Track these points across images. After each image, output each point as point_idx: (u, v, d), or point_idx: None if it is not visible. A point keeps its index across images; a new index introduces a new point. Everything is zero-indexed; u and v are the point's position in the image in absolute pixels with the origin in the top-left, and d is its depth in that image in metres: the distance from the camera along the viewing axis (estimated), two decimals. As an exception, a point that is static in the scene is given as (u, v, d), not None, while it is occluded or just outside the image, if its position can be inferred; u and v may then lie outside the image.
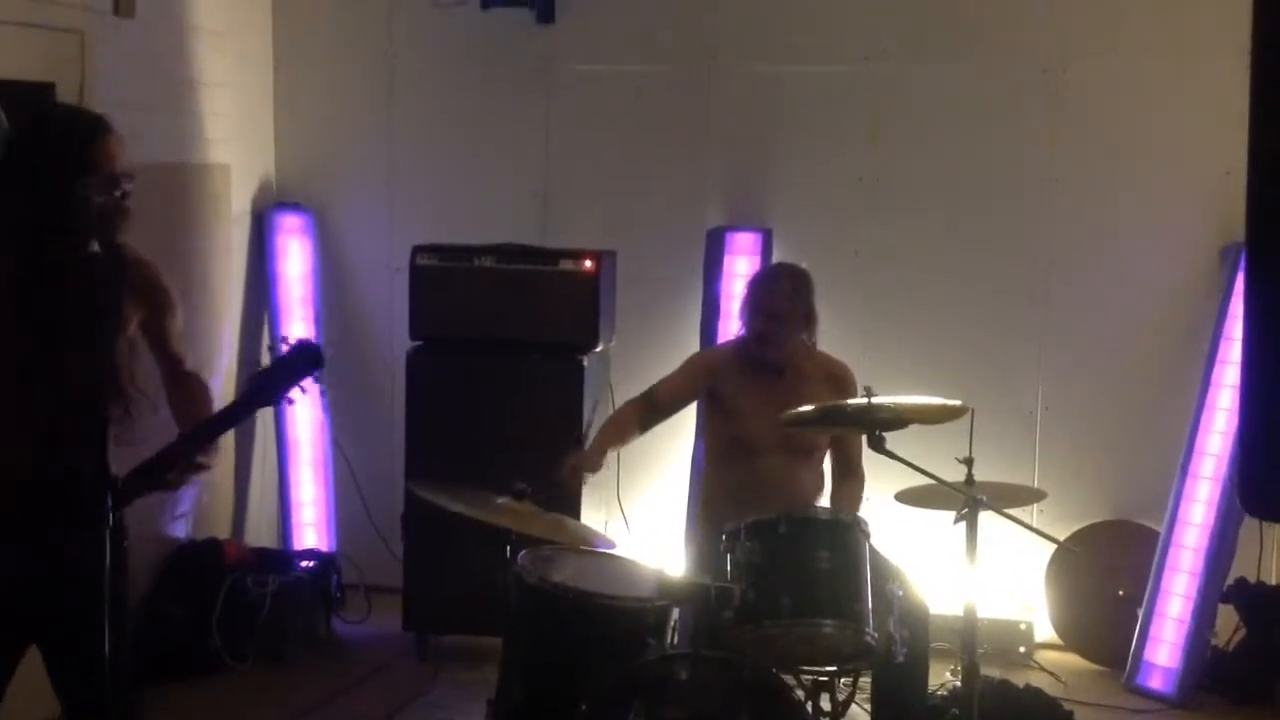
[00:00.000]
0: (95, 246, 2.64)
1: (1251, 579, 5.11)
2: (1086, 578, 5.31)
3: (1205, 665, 4.99)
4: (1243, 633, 5.06)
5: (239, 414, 2.98)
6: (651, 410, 4.22)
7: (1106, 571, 5.27)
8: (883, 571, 3.48)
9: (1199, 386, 5.13)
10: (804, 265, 4.24)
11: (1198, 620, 4.99)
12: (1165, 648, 5.05)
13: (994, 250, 5.48)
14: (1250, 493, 1.77)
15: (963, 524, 3.54)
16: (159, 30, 5.14)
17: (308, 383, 2.84)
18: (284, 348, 2.85)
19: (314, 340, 2.92)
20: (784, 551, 3.31)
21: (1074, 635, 5.41)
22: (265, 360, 2.88)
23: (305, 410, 5.85)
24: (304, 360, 2.84)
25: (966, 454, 3.65)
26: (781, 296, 4.09)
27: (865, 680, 3.89)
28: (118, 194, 2.89)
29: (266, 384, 2.84)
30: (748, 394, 4.11)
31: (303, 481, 5.89)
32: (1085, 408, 5.45)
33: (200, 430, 2.92)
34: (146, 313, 3.05)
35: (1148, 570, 5.15)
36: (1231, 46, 5.16)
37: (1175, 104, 5.30)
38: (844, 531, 3.37)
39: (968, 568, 3.47)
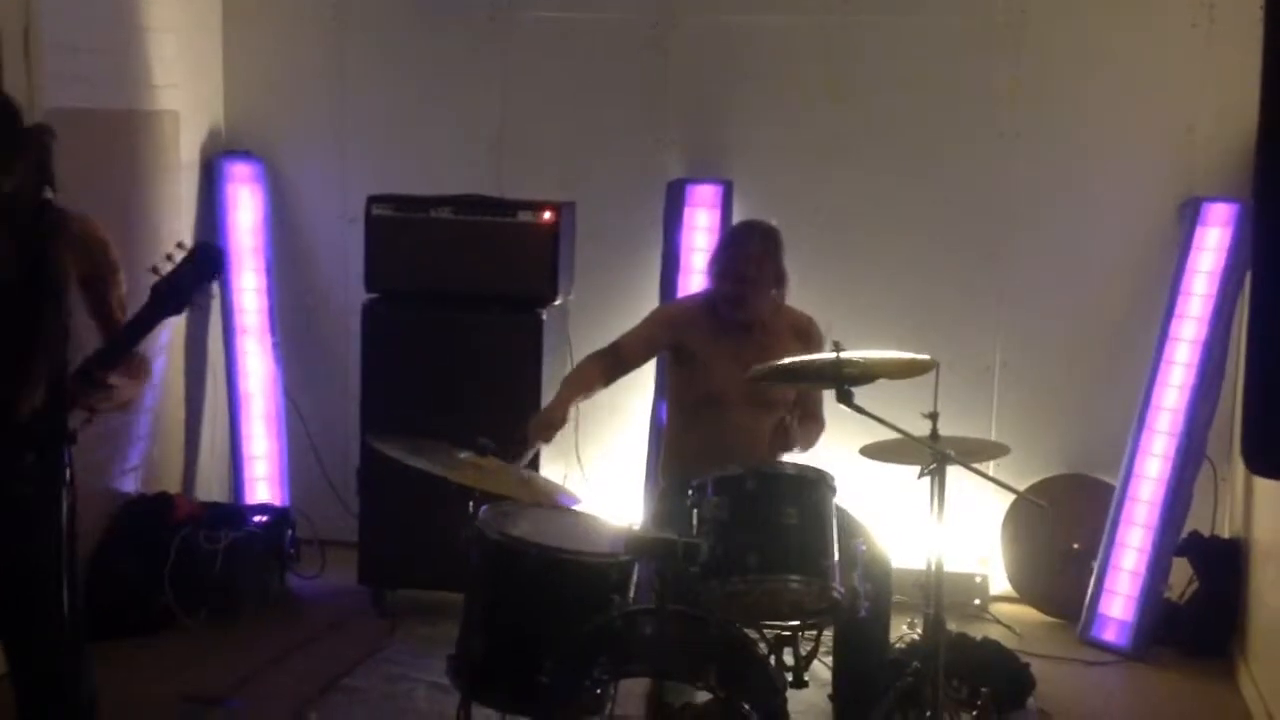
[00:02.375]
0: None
1: (1206, 532, 5.17)
2: (1041, 531, 5.34)
3: (1159, 618, 5.04)
4: (1196, 585, 5.11)
5: (146, 325, 2.88)
6: (615, 364, 4.18)
7: (1061, 525, 5.30)
8: (848, 527, 3.47)
9: (1155, 341, 5.15)
10: (773, 222, 4.19)
11: (1152, 573, 5.04)
12: (1119, 600, 5.10)
13: (954, 205, 5.47)
14: (1255, 449, 1.75)
15: (926, 479, 3.54)
16: (105, -27, 5.01)
17: (213, 288, 2.83)
18: (180, 254, 2.82)
19: (212, 243, 2.88)
20: (751, 507, 3.28)
21: (1029, 588, 5.45)
22: (164, 268, 2.84)
23: (257, 363, 5.78)
24: (205, 263, 2.83)
25: (929, 409, 3.64)
26: (752, 260, 4.04)
27: (826, 634, 3.91)
28: None
29: (170, 291, 2.81)
30: (715, 349, 4.07)
31: (255, 435, 5.81)
32: (1043, 362, 5.46)
33: (111, 344, 2.87)
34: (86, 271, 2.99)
35: (1102, 524, 5.18)
36: (1193, 2, 5.18)
37: (1136, 59, 5.28)
38: (811, 488, 3.35)
39: (934, 522, 3.47)
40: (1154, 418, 5.13)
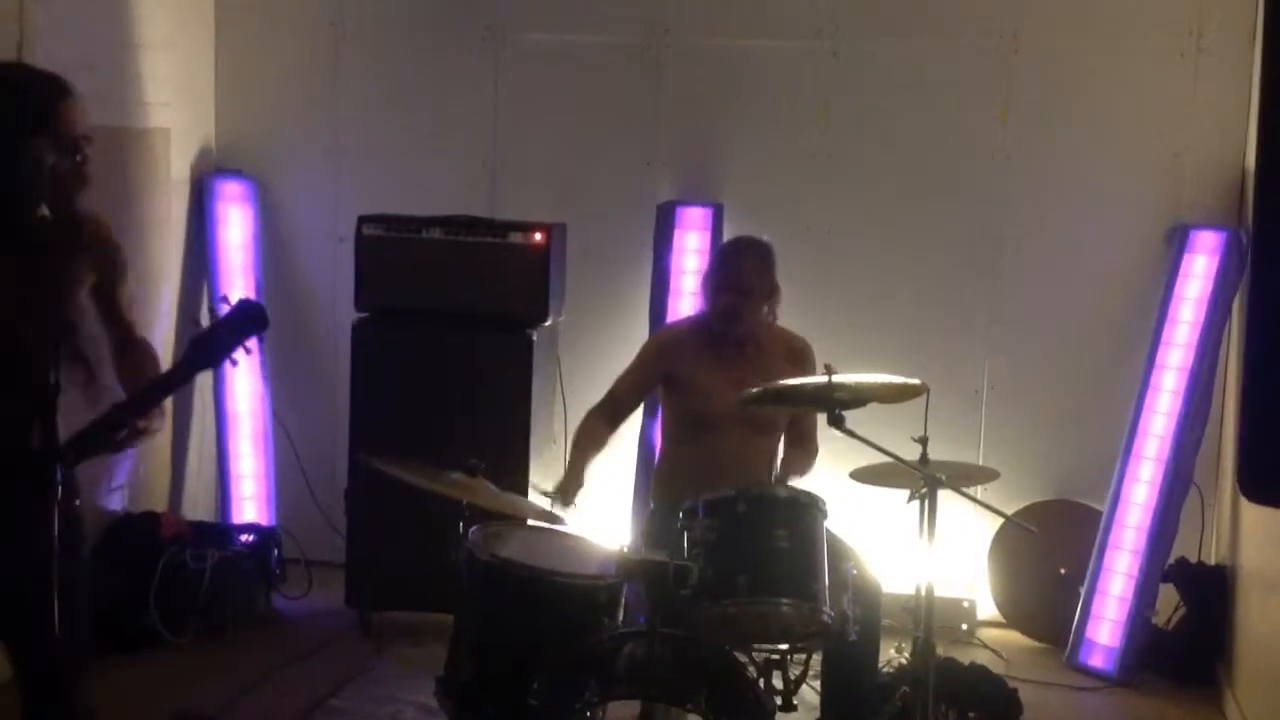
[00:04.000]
0: (46, 211, 2.55)
1: (1192, 558, 5.17)
2: (1029, 556, 5.35)
3: (1146, 644, 5.04)
4: (1183, 612, 5.12)
5: (181, 377, 2.89)
6: (614, 410, 4.22)
7: (1049, 550, 5.30)
8: (838, 551, 3.47)
9: (1143, 367, 5.17)
10: (765, 238, 4.22)
11: (1139, 599, 5.04)
12: (1106, 626, 5.10)
13: (943, 227, 5.49)
14: (1251, 477, 1.75)
15: (915, 502, 3.54)
16: (99, -11, 5.02)
17: (251, 343, 2.80)
18: (224, 308, 2.80)
19: (256, 300, 2.86)
20: (742, 530, 3.28)
21: (1016, 613, 5.45)
22: (206, 321, 2.83)
23: (245, 382, 5.76)
24: (246, 321, 2.79)
25: (918, 433, 3.65)
26: (750, 272, 4.08)
27: (815, 658, 3.90)
28: (77, 159, 2.82)
29: (208, 345, 2.79)
30: (707, 369, 4.09)
31: (242, 454, 5.80)
32: (1030, 387, 5.48)
33: (143, 394, 2.86)
34: (99, 275, 2.97)
35: (1089, 549, 5.19)
36: (1183, 29, 5.22)
37: (1126, 86, 5.32)
38: (802, 511, 3.35)
39: (925, 547, 3.48)
40: (1141, 444, 5.14)
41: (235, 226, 5.75)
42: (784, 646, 3.40)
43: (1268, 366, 1.68)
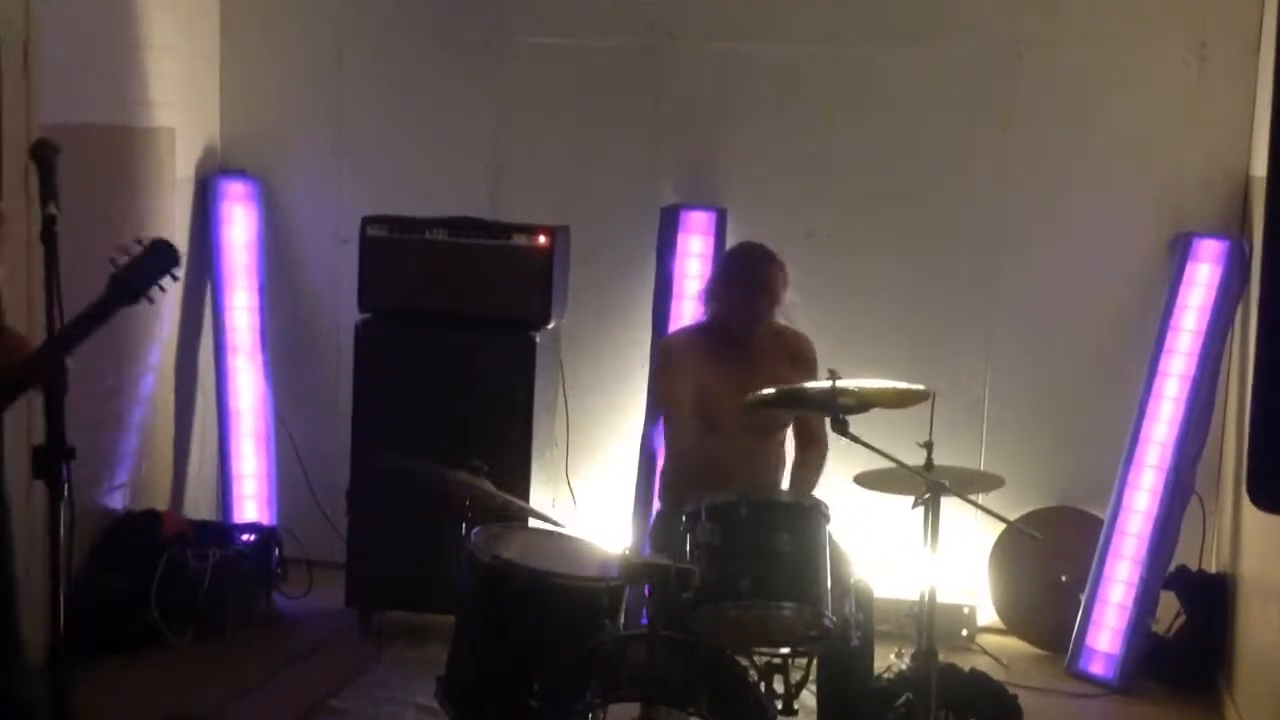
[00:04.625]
0: None
1: (1193, 567, 5.17)
2: (1029, 563, 5.35)
3: (1146, 651, 5.04)
4: (1183, 620, 5.12)
5: (103, 313, 2.96)
6: (686, 412, 4.14)
7: (1049, 557, 5.30)
8: (839, 556, 3.48)
9: (1145, 375, 5.17)
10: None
11: (1139, 607, 5.04)
12: (1107, 633, 5.10)
13: (944, 234, 5.49)
14: (1261, 484, 1.75)
15: (919, 508, 3.54)
16: (105, -11, 5.03)
17: (166, 282, 2.96)
18: (138, 248, 2.92)
19: (168, 240, 3.00)
20: (744, 533, 3.29)
21: (1016, 619, 5.45)
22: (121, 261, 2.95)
23: (247, 381, 5.77)
24: (162, 259, 2.94)
25: (917, 438, 3.63)
26: (778, 278, 4.16)
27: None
28: None
29: (125, 283, 2.91)
30: (711, 374, 4.10)
31: (244, 453, 5.80)
32: (1031, 394, 5.47)
33: (68, 331, 2.86)
34: None
35: (1090, 556, 5.19)
36: (1187, 37, 5.22)
37: (1129, 93, 5.31)
38: (804, 515, 3.36)
39: (929, 552, 3.48)
40: (1143, 452, 5.14)
41: (239, 226, 5.75)
42: (785, 650, 3.41)
43: (1277, 373, 1.68)
